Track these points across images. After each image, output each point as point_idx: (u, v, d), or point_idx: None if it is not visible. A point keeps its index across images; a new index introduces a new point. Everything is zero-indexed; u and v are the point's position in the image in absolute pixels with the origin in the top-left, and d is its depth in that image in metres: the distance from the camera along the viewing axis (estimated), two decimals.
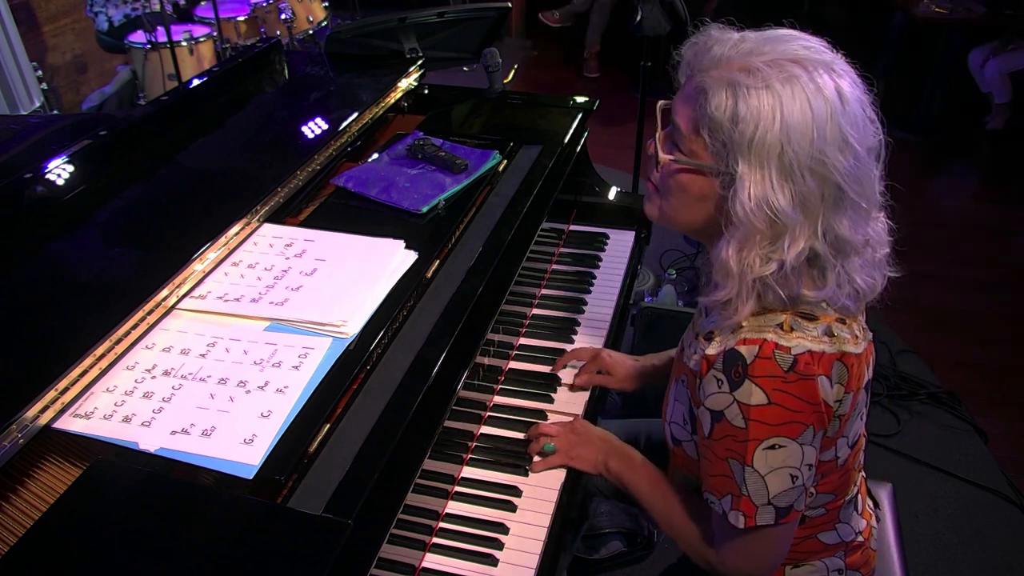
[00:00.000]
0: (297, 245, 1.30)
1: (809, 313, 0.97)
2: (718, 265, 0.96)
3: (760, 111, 0.87)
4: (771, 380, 0.94)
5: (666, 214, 1.04)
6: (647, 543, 2.05)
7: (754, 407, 0.94)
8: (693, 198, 0.98)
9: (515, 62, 3.98)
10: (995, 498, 2.26)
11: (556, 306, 1.65)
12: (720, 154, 0.92)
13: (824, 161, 0.88)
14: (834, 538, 1.18)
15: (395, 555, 1.08)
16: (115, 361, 1.05)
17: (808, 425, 0.95)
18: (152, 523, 0.85)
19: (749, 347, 0.95)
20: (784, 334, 0.95)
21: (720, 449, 1.00)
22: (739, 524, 1.00)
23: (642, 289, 3.00)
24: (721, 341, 1.00)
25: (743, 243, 0.93)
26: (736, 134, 0.89)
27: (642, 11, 2.57)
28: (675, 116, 0.98)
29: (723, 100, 0.89)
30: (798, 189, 0.89)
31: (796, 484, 0.98)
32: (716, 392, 0.98)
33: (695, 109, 0.93)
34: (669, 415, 1.17)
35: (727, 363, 0.96)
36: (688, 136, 0.95)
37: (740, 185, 0.90)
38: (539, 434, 1.30)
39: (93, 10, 3.89)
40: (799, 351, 0.94)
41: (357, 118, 1.62)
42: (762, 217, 0.90)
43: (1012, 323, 2.98)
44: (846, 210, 0.92)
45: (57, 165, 1.32)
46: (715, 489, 1.03)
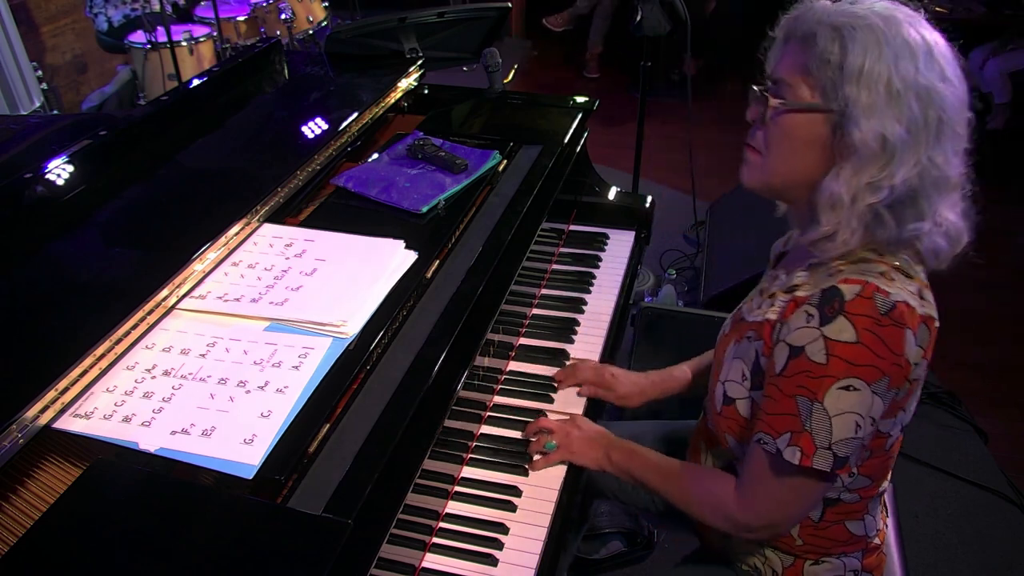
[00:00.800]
0: (297, 245, 1.30)
1: (906, 271, 1.02)
2: (825, 199, 1.00)
3: (867, 43, 0.94)
4: (865, 319, 0.96)
5: (770, 169, 1.07)
6: (647, 543, 2.05)
7: (840, 343, 0.96)
8: (801, 141, 1.02)
9: (515, 62, 3.98)
10: (995, 498, 2.26)
11: (556, 306, 1.65)
12: (829, 89, 0.97)
13: (928, 87, 0.94)
14: (860, 529, 1.18)
15: (395, 555, 1.08)
16: (115, 361, 1.05)
17: (886, 375, 0.97)
18: (152, 523, 0.85)
19: (850, 286, 0.97)
20: (886, 281, 0.98)
21: (790, 386, 1.01)
22: (795, 460, 1.00)
23: (642, 289, 3.00)
24: (814, 282, 1.04)
25: (855, 170, 0.97)
26: (846, 65, 0.95)
27: (642, 11, 2.57)
28: (777, 74, 1.04)
29: (831, 39, 0.96)
30: (906, 114, 0.94)
31: (858, 434, 0.99)
32: (803, 327, 0.99)
33: (803, 54, 0.99)
34: (723, 375, 1.17)
35: (824, 299, 0.99)
36: (795, 82, 1.01)
37: (853, 112, 0.95)
38: (539, 429, 1.31)
39: (93, 11, 3.89)
40: (898, 298, 0.97)
41: (357, 118, 1.63)
42: (875, 140, 0.95)
43: (1012, 323, 2.97)
44: (945, 141, 0.97)
45: (57, 165, 1.32)
46: (773, 427, 1.03)
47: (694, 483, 1.20)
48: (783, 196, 1.14)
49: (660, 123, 4.47)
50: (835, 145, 0.99)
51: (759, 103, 1.06)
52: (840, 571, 1.20)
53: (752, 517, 1.11)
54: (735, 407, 1.15)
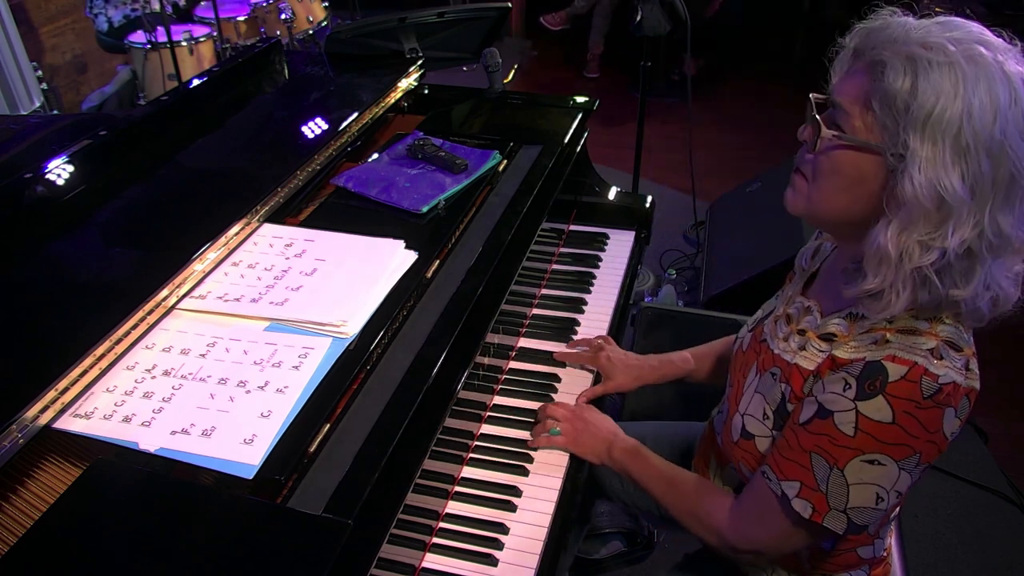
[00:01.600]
0: (297, 245, 1.30)
1: (956, 343, 0.93)
2: (872, 252, 0.90)
3: (941, 86, 0.83)
4: (906, 403, 0.89)
5: (815, 201, 0.97)
6: (647, 543, 2.05)
7: (873, 422, 0.91)
8: (850, 180, 0.92)
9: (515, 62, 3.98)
10: (995, 498, 2.26)
11: (556, 306, 1.65)
12: (891, 130, 0.86)
13: (1003, 144, 0.83)
14: (869, 553, 1.16)
15: (395, 555, 1.08)
16: (115, 361, 1.05)
17: (917, 452, 0.92)
18: (152, 523, 0.85)
19: (898, 366, 0.90)
20: (935, 362, 0.90)
21: (809, 442, 0.96)
22: (804, 513, 0.97)
23: (642, 289, 3.00)
24: (857, 348, 0.96)
25: (905, 225, 0.87)
26: (914, 107, 0.83)
27: (642, 11, 2.57)
28: (837, 96, 0.93)
29: (902, 73, 0.84)
30: (971, 171, 0.84)
31: (879, 506, 0.94)
32: (838, 394, 0.93)
33: (868, 83, 0.88)
34: (743, 406, 1.12)
35: (866, 373, 0.92)
36: (854, 112, 0.90)
37: (911, 161, 0.84)
38: (547, 417, 1.31)
39: (93, 11, 3.89)
40: (946, 380, 0.90)
41: (357, 118, 1.62)
42: (931, 197, 0.84)
43: (1012, 323, 2.97)
44: (1014, 202, 0.86)
45: (57, 165, 1.32)
46: (781, 470, 0.99)
47: (690, 494, 1.18)
48: (829, 228, 1.05)
49: (660, 123, 4.47)
50: (886, 194, 0.89)
51: (813, 127, 0.94)
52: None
53: (740, 541, 1.09)
54: (754, 443, 1.10)
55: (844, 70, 0.95)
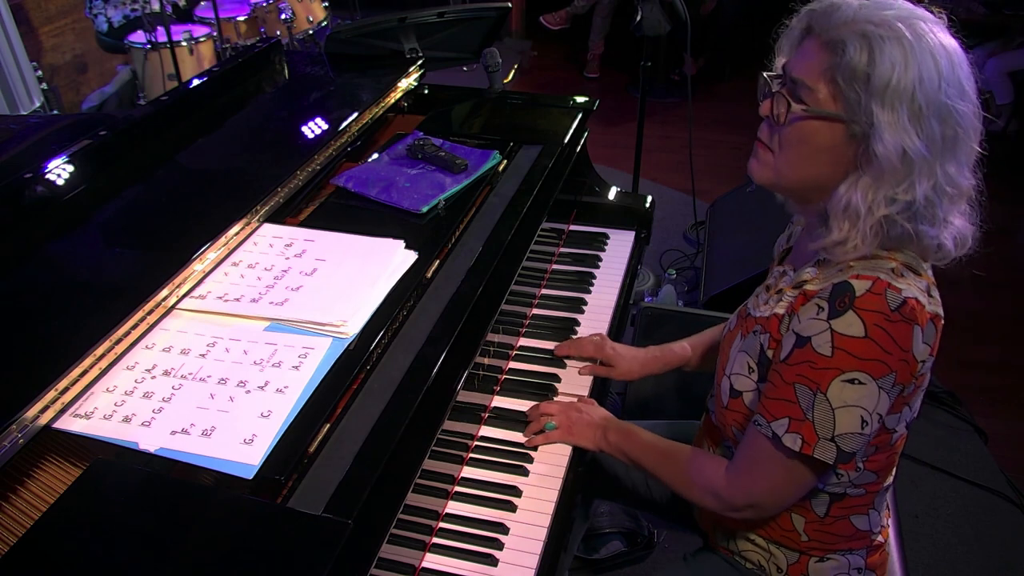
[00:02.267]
0: (297, 245, 1.30)
1: (915, 267, 1.02)
2: (840, 208, 1.00)
3: (895, 57, 0.93)
4: (875, 315, 0.97)
5: (783, 170, 1.07)
6: (647, 543, 2.05)
7: (848, 337, 0.97)
8: (815, 148, 1.02)
9: (515, 62, 3.97)
10: (995, 498, 2.26)
11: (556, 306, 1.65)
12: (854, 101, 0.96)
13: (948, 105, 0.94)
14: (864, 524, 1.19)
15: (395, 555, 1.08)
16: (115, 361, 1.05)
17: (893, 371, 0.98)
18: (152, 523, 0.85)
19: (862, 281, 0.98)
20: (896, 277, 0.99)
21: (791, 374, 1.02)
22: (794, 446, 1.01)
23: (642, 289, 3.00)
24: (824, 277, 1.04)
25: (874, 183, 0.98)
26: (874, 79, 0.94)
27: (642, 11, 2.57)
28: (797, 73, 1.02)
29: (859, 49, 0.95)
30: (926, 131, 0.94)
31: (864, 431, 0.99)
32: (813, 318, 1.00)
33: (828, 60, 0.98)
34: (729, 369, 1.18)
35: (835, 293, 0.99)
36: (816, 87, 0.99)
37: (878, 127, 0.95)
38: (541, 414, 1.33)
39: (92, 11, 3.89)
40: (909, 294, 0.98)
41: (357, 118, 1.62)
42: (897, 157, 0.95)
43: (1012, 323, 2.98)
44: (959, 155, 0.98)
45: (57, 165, 1.32)
46: (769, 411, 1.04)
47: (685, 462, 1.21)
48: (792, 196, 1.13)
49: (660, 123, 4.47)
50: (857, 156, 0.99)
51: (777, 102, 1.04)
52: (844, 569, 1.20)
53: (739, 496, 1.12)
54: (742, 399, 1.16)
55: (794, 48, 1.05)
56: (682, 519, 1.45)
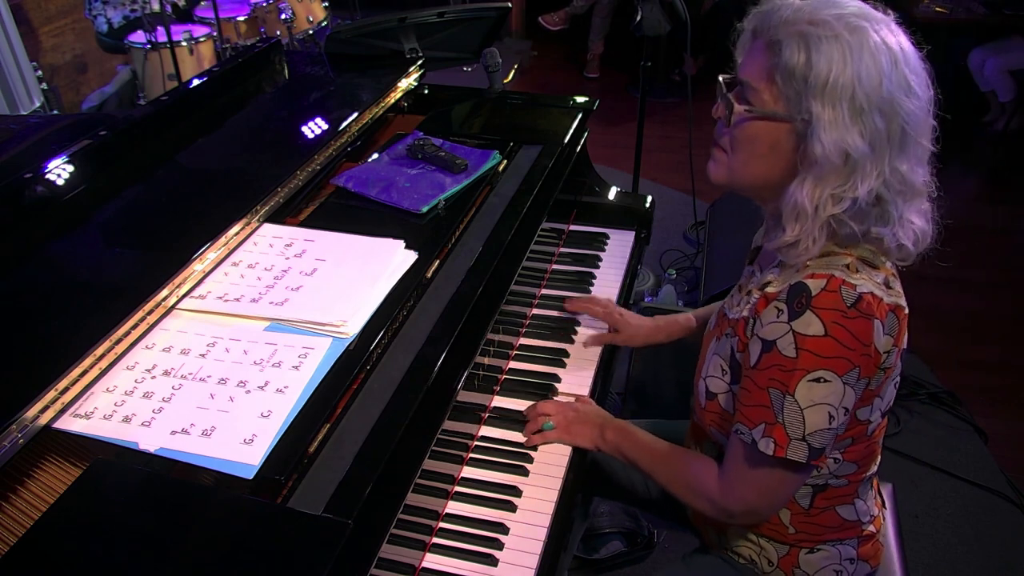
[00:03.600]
0: (297, 245, 1.30)
1: (871, 262, 1.03)
2: (789, 208, 1.01)
3: (832, 56, 0.94)
4: (832, 312, 0.98)
5: (735, 170, 1.08)
6: (647, 543, 2.05)
7: (809, 337, 0.98)
8: (764, 147, 1.03)
9: (515, 62, 3.97)
10: (995, 498, 2.26)
11: (556, 306, 1.65)
12: (794, 100, 0.97)
13: (891, 101, 0.95)
14: (851, 514, 1.20)
15: (395, 555, 1.08)
16: (115, 361, 1.05)
17: (856, 366, 0.99)
18: (152, 523, 0.85)
19: (816, 280, 1.00)
20: (850, 273, 1.00)
21: (763, 379, 1.03)
22: (768, 451, 1.02)
23: (642, 289, 3.00)
24: (784, 279, 1.06)
25: (817, 182, 0.98)
26: (811, 78, 0.95)
27: (642, 11, 2.57)
28: (743, 75, 1.04)
29: (796, 49, 0.96)
30: (868, 128, 0.95)
31: (832, 425, 1.01)
32: (774, 321, 1.02)
33: (768, 61, 0.99)
34: (705, 371, 1.20)
35: (792, 294, 1.01)
36: (760, 88, 1.01)
37: (816, 126, 0.96)
38: (538, 414, 1.33)
39: (92, 12, 3.89)
40: (864, 290, 0.99)
41: (357, 118, 1.62)
42: (837, 155, 0.95)
43: (1012, 323, 2.98)
44: (908, 152, 0.99)
45: (57, 165, 1.32)
46: (748, 418, 1.05)
47: (682, 466, 1.22)
48: (751, 195, 1.14)
49: (660, 123, 4.47)
50: (799, 155, 1.00)
51: (724, 104, 1.06)
52: (835, 559, 1.21)
53: (733, 503, 1.13)
54: (717, 401, 1.17)
55: (745, 51, 1.06)
56: (681, 519, 1.45)
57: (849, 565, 1.22)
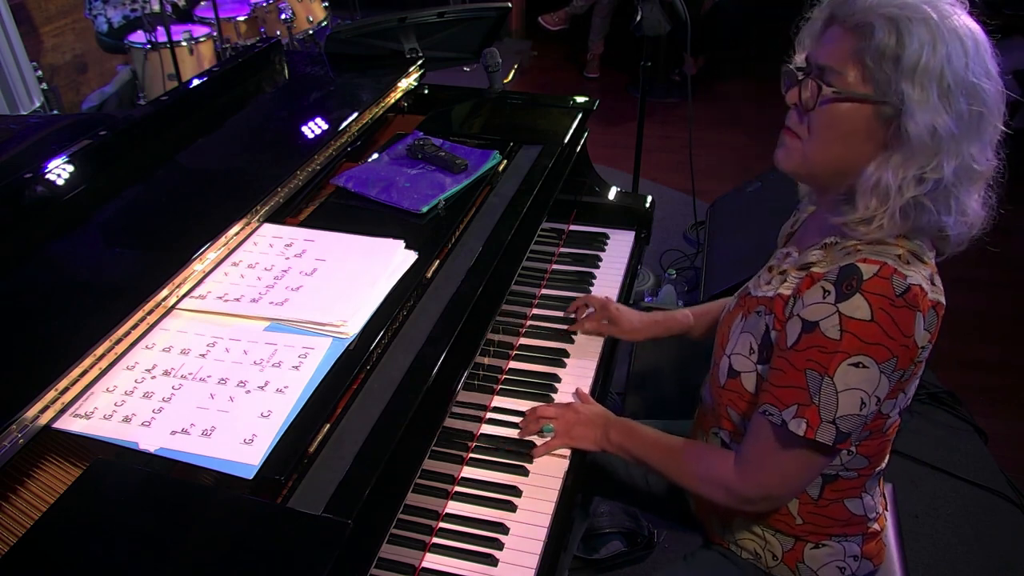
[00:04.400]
0: (297, 245, 1.30)
1: (920, 256, 1.04)
2: (870, 185, 1.01)
3: (922, 38, 0.95)
4: (881, 299, 0.98)
5: (812, 154, 1.07)
6: (647, 543, 2.05)
7: (855, 320, 0.98)
8: (844, 131, 1.03)
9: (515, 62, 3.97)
10: (995, 498, 2.26)
11: (556, 306, 1.65)
12: (883, 82, 0.97)
13: (975, 84, 0.97)
14: (858, 509, 1.20)
15: (395, 555, 1.08)
16: (115, 361, 1.05)
17: (895, 356, 0.99)
18: (152, 523, 0.85)
19: (869, 265, 1.00)
20: (902, 264, 1.00)
21: (801, 360, 1.03)
22: (799, 431, 1.02)
23: (642, 289, 3.00)
24: (831, 260, 1.06)
25: (904, 161, 0.99)
26: (903, 59, 0.95)
27: (642, 11, 2.57)
28: (821, 59, 1.03)
29: (888, 31, 0.96)
30: (955, 109, 0.96)
31: (862, 412, 1.01)
32: (818, 302, 1.01)
33: (856, 43, 0.99)
34: (729, 348, 1.19)
35: (842, 276, 1.01)
36: (845, 71, 1.00)
37: (909, 107, 0.96)
38: (537, 418, 1.32)
39: (92, 12, 3.89)
40: (913, 281, 0.99)
41: (357, 118, 1.62)
42: (928, 134, 0.96)
43: (1012, 323, 2.97)
44: (983, 135, 1.00)
45: (57, 165, 1.32)
46: (780, 399, 1.05)
47: (692, 458, 1.21)
48: (817, 181, 1.13)
49: (660, 123, 4.47)
50: (886, 136, 1.00)
51: (806, 87, 1.04)
52: (840, 556, 1.21)
53: (751, 488, 1.13)
54: (740, 380, 1.16)
55: (816, 40, 1.06)
56: (682, 518, 1.45)
57: (853, 562, 1.22)
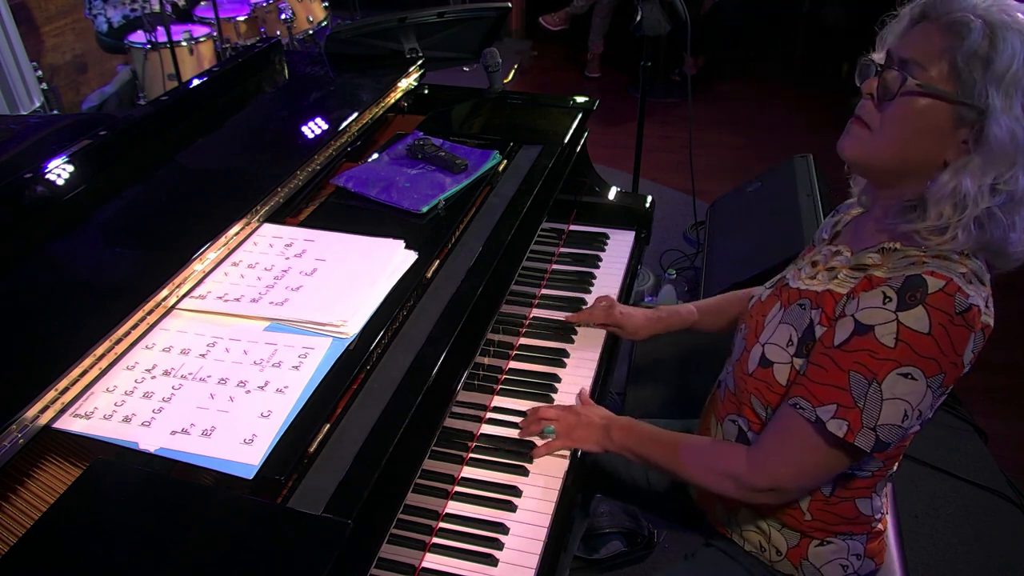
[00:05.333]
0: (297, 245, 1.30)
1: (981, 277, 1.04)
2: (947, 191, 1.00)
3: (1016, 48, 0.94)
4: (942, 315, 0.98)
5: (879, 146, 1.05)
6: (647, 543, 2.05)
7: (913, 332, 0.98)
8: (920, 127, 1.01)
9: (515, 62, 3.97)
10: (995, 498, 2.26)
11: (556, 306, 1.65)
12: (970, 83, 0.96)
13: None
14: (867, 508, 1.21)
15: (395, 555, 1.08)
16: (115, 361, 1.05)
17: (943, 372, 0.99)
18: (152, 523, 0.85)
19: (936, 279, 0.99)
20: (966, 283, 1.00)
21: (847, 360, 1.02)
22: (839, 432, 1.02)
23: (642, 289, 3.00)
24: (893, 267, 1.05)
25: (984, 167, 0.98)
26: (995, 64, 0.94)
27: (642, 11, 2.57)
28: (906, 53, 1.01)
29: (982, 34, 0.95)
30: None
31: (903, 424, 1.01)
32: (878, 307, 1.00)
33: (947, 41, 0.97)
34: (765, 337, 1.18)
35: (907, 285, 1.00)
36: (931, 67, 0.99)
37: (994, 114, 0.95)
38: (538, 419, 1.31)
39: (92, 12, 3.89)
40: (975, 302, 0.99)
41: (357, 118, 1.62)
42: (1009, 144, 0.96)
43: (1012, 323, 2.97)
44: None
45: (57, 165, 1.32)
46: (816, 396, 1.04)
47: (698, 451, 1.21)
48: (877, 176, 1.12)
49: (660, 123, 4.47)
50: (960, 140, 0.99)
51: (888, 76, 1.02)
52: (843, 554, 1.21)
53: (762, 477, 1.12)
54: (771, 371, 1.16)
55: (903, 31, 1.05)
56: (683, 516, 1.45)
57: (856, 561, 1.22)
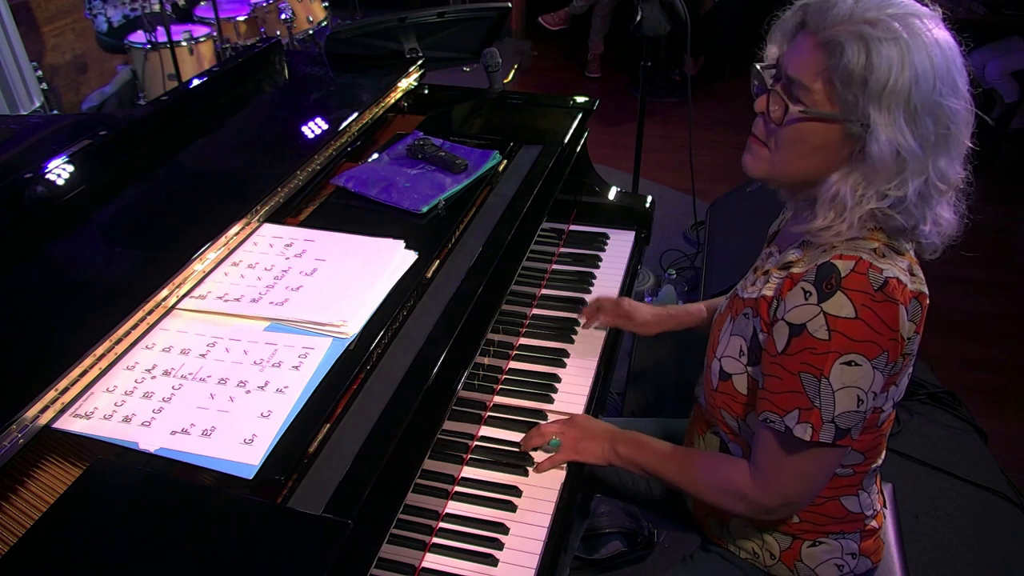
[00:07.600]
0: (297, 245, 1.30)
1: (896, 248, 1.04)
2: (828, 197, 1.02)
3: (891, 61, 0.94)
4: (861, 295, 0.98)
5: (778, 166, 1.07)
6: (647, 543, 2.05)
7: (841, 319, 0.98)
8: (811, 147, 1.03)
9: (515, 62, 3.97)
10: (995, 498, 2.26)
11: (556, 306, 1.65)
12: (851, 103, 0.97)
13: (941, 104, 0.96)
14: (855, 506, 1.20)
15: (395, 555, 1.08)
16: (115, 361, 1.05)
17: (884, 351, 0.99)
18: (152, 523, 0.85)
19: (845, 262, 1.00)
20: (877, 257, 1.01)
21: (794, 364, 1.02)
22: (806, 436, 1.02)
23: (642, 289, 3.00)
24: (809, 259, 1.06)
25: (866, 178, 1.00)
26: (872, 82, 0.94)
27: (642, 11, 2.57)
28: (792, 71, 1.02)
29: (856, 52, 0.95)
30: (920, 130, 0.96)
31: (860, 408, 1.01)
32: (802, 304, 1.01)
33: (825, 60, 0.98)
34: (720, 351, 1.19)
35: (820, 275, 1.01)
36: (815, 88, 1.00)
37: (875, 129, 0.96)
38: (542, 434, 1.30)
39: (92, 11, 3.89)
40: (890, 274, 0.99)
41: (357, 118, 1.63)
42: (891, 157, 0.96)
43: (1012, 323, 2.97)
44: (951, 151, 1.00)
45: (57, 165, 1.32)
46: (779, 406, 1.04)
47: (707, 470, 1.20)
48: (786, 188, 1.14)
49: (660, 123, 4.47)
50: (851, 154, 1.00)
51: (774, 102, 1.04)
52: (837, 553, 1.21)
53: (770, 497, 1.12)
54: (731, 383, 1.17)
55: (787, 40, 1.06)
56: (682, 518, 1.45)
57: (851, 560, 1.22)
